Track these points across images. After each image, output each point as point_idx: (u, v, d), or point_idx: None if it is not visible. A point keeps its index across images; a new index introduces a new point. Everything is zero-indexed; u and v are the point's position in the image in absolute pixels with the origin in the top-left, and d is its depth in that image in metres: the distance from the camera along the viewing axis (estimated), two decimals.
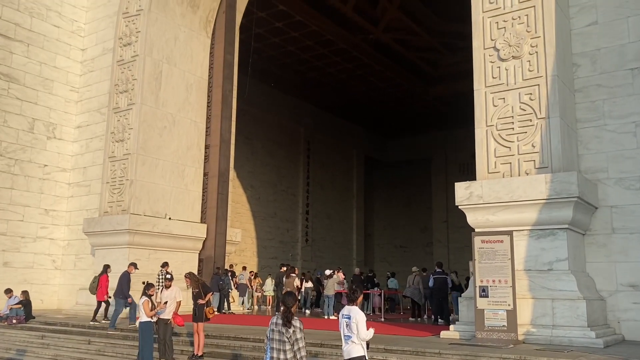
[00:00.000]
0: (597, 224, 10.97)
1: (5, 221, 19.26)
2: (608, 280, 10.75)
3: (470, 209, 10.84)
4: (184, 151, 19.22)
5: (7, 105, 19.70)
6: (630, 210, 10.72)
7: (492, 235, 10.17)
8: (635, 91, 10.95)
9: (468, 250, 28.10)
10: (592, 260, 10.93)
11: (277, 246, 34.10)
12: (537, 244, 10.20)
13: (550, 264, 10.02)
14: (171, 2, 19.04)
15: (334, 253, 37.56)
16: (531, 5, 11.07)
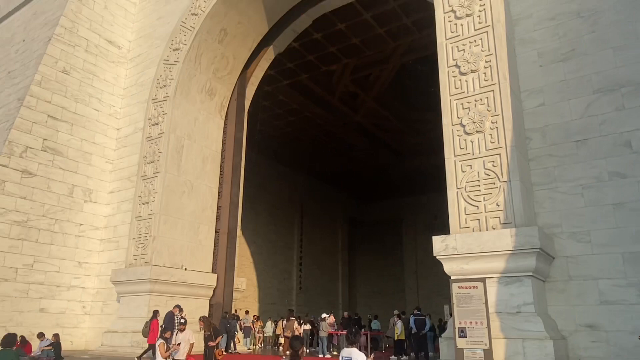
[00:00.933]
0: (555, 272, 10.42)
1: (44, 272, 18.37)
2: (568, 321, 10.09)
3: (447, 259, 10.26)
4: (199, 212, 18.64)
5: (51, 174, 19.21)
6: (582, 260, 10.22)
7: (467, 282, 9.56)
8: (580, 159, 10.72)
9: (434, 296, 26.82)
10: (553, 304, 10.30)
11: (275, 293, 33.22)
12: (506, 290, 9.57)
13: (519, 307, 9.38)
14: (192, 91, 18.99)
15: (323, 299, 36.57)
16: (490, 90, 10.97)
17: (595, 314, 9.87)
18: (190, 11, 19.16)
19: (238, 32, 19.39)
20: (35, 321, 17.52)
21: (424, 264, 37.50)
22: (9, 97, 20.47)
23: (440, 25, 12.23)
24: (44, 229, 18.66)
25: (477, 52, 11.50)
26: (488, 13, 11.73)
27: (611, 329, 9.67)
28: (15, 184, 18.15)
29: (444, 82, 11.63)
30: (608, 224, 10.14)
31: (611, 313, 9.74)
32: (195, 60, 18.84)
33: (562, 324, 10.03)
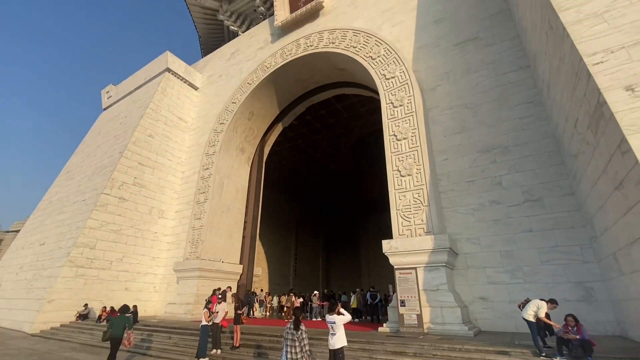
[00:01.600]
0: (459, 263, 10.10)
1: (129, 264, 17.27)
2: (468, 295, 9.69)
3: (391, 255, 9.86)
4: (232, 224, 17.95)
5: (138, 199, 18.40)
6: (475, 256, 9.95)
7: (405, 270, 9.15)
8: (471, 193, 10.62)
9: (382, 279, 25.64)
10: (458, 284, 9.91)
11: (278, 277, 31.90)
12: (429, 275, 9.20)
13: (437, 286, 8.99)
14: (231, 149, 18.69)
15: (309, 281, 35.26)
16: (415, 150, 10.94)
17: (485, 290, 9.52)
18: (231, 100, 19.16)
19: (260, 114, 19.40)
20: (121, 296, 16.33)
21: (374, 258, 36.93)
22: (114, 151, 19.88)
23: (384, 111, 12.32)
24: (131, 235, 17.70)
25: (406, 127, 11.56)
26: (412, 104, 11.89)
27: (495, 300, 9.32)
28: (114, 206, 17.33)
29: (387, 145, 11.58)
30: (490, 233, 9.97)
31: (494, 289, 9.42)
32: (234, 130, 18.67)
33: (464, 297, 9.65)
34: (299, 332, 4.40)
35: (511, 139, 10.60)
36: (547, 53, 8.57)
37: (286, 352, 4.37)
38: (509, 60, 11.55)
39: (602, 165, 6.35)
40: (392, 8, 15.33)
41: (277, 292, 23.85)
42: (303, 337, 4.39)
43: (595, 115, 6.13)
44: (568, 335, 5.30)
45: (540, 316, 5.77)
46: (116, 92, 26.46)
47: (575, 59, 6.49)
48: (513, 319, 8.92)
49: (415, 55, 13.59)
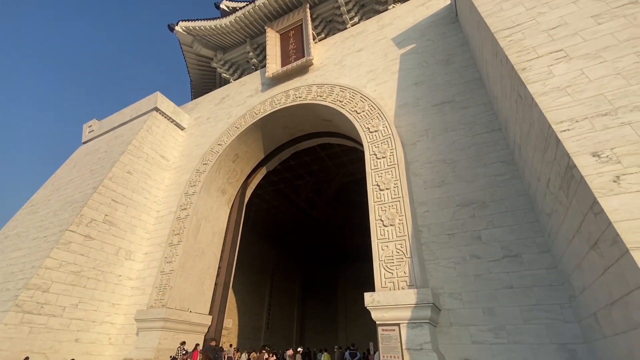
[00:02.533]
0: (442, 320, 9.72)
1: (85, 310, 15.52)
2: (451, 356, 9.18)
3: (373, 309, 9.42)
4: (205, 270, 16.89)
5: (106, 238, 17.20)
6: (458, 312, 9.64)
7: (388, 326, 8.73)
8: (452, 246, 10.64)
9: (360, 334, 24.21)
10: (441, 342, 9.43)
11: (249, 330, 29.58)
12: (412, 332, 8.77)
13: (421, 345, 8.53)
14: (212, 190, 18.33)
15: (282, 335, 32.86)
16: (397, 200, 11.13)
17: (469, 350, 9.08)
18: (217, 142, 19.25)
19: (245, 156, 19.48)
20: (69, 349, 14.41)
21: (351, 311, 35.26)
22: (88, 186, 18.98)
23: (368, 162, 12.68)
24: (92, 278, 16.19)
25: (389, 178, 11.86)
26: (394, 157, 12.36)
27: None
28: (77, 244, 16.06)
29: (370, 194, 11.73)
30: (471, 288, 9.82)
31: (479, 350, 9.01)
32: (216, 171, 18.49)
33: (448, 357, 9.13)
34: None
35: (488, 195, 11.00)
36: (517, 119, 9.33)
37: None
38: (483, 122, 12.47)
39: (576, 224, 6.60)
40: (376, 69, 16.61)
41: (248, 348, 21.94)
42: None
43: (566, 176, 6.52)
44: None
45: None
46: (99, 127, 26.08)
47: (544, 126, 7.06)
48: None
49: (397, 112, 14.45)
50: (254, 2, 21.89)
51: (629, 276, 5.04)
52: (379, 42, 17.76)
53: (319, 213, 32.80)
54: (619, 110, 6.33)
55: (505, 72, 9.29)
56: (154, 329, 14.04)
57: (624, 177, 5.45)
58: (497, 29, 9.67)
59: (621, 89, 6.59)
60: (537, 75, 7.59)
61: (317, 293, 39.34)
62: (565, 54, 7.77)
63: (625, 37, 7.47)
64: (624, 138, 5.90)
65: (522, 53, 8.46)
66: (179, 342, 13.02)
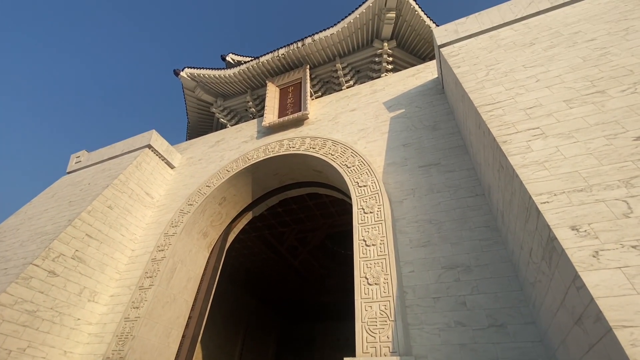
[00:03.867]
0: None
1: (32, 357, 13.75)
2: None
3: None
4: (174, 319, 15.62)
5: (71, 276, 16.00)
6: None
7: None
8: (436, 310, 10.27)
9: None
10: None
11: None
12: None
13: None
14: (193, 232, 17.77)
15: None
16: (383, 257, 11.00)
17: None
18: (206, 184, 19.16)
19: (232, 200, 19.30)
20: None
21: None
22: (63, 218, 18.17)
23: (355, 216, 12.72)
24: (47, 319, 14.70)
25: (375, 234, 11.85)
26: (382, 213, 12.49)
27: None
28: (39, 280, 14.84)
29: (357, 250, 11.57)
30: (456, 358, 9.34)
31: None
32: (201, 213, 18.12)
33: None
34: None
35: (473, 259, 10.99)
36: (499, 186, 9.76)
37: None
38: (467, 186, 12.94)
39: (560, 297, 6.57)
40: (367, 128, 17.50)
41: None
42: None
43: (547, 247, 6.66)
44: None
45: None
46: (87, 159, 25.81)
47: (526, 196, 7.39)
48: None
49: (385, 170, 14.92)
50: (258, 58, 23.53)
51: (613, 355, 4.92)
52: (371, 104, 18.97)
53: (301, 263, 31.79)
54: (593, 187, 6.73)
55: (488, 142, 9.93)
56: None
57: (602, 253, 5.59)
58: (480, 104, 10.54)
59: (594, 167, 7.08)
60: (517, 148, 8.13)
61: (294, 352, 36.45)
62: (542, 132, 8.44)
63: (595, 121, 8.23)
64: (599, 214, 6.19)
65: (502, 127, 9.15)
66: None
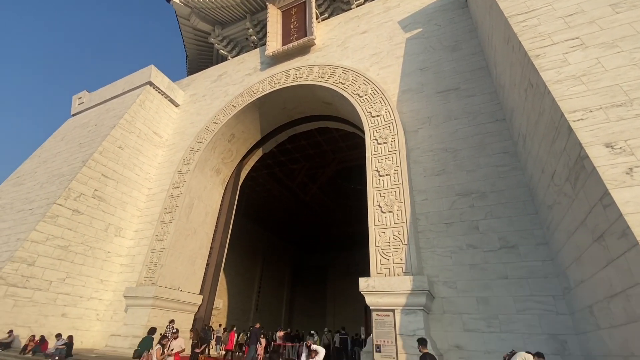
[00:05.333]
0: (435, 307, 9.75)
1: (72, 285, 15.30)
2: (443, 342, 9.26)
3: (368, 294, 9.37)
4: (197, 249, 16.70)
5: (95, 214, 16.82)
6: (452, 300, 9.67)
7: (382, 312, 8.72)
8: (449, 235, 10.59)
9: (348, 319, 24.45)
10: (433, 329, 9.47)
11: (239, 312, 29.76)
12: (406, 318, 8.76)
13: (414, 331, 8.54)
14: (206, 169, 17.93)
15: (271, 317, 33.14)
16: (397, 187, 10.97)
17: (460, 338, 9.18)
18: (213, 120, 18.73)
19: (241, 137, 19.03)
20: (55, 324, 14.23)
21: (340, 297, 35.71)
22: (76, 160, 18.40)
23: (369, 147, 12.43)
24: (80, 253, 15.90)
25: (389, 164, 11.67)
26: (396, 143, 12.14)
27: (470, 349, 8.97)
28: (65, 218, 15.66)
29: (370, 180, 11.55)
30: (467, 277, 9.84)
31: (470, 338, 9.10)
32: (211, 150, 18.06)
33: (439, 344, 9.22)
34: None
35: (488, 185, 10.91)
36: (525, 108, 9.14)
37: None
38: (487, 111, 12.26)
39: (581, 217, 6.52)
40: (380, 53, 16.16)
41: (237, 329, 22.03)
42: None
43: (575, 167, 6.39)
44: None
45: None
46: (89, 100, 25.17)
47: (556, 115, 6.88)
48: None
49: (400, 98, 14.13)
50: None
51: (635, 269, 4.98)
52: (384, 24, 17.23)
53: (312, 199, 32.62)
54: (635, 101, 6.16)
55: (517, 59, 9.02)
56: (143, 307, 13.89)
57: (637, 170, 5.32)
58: (511, 14, 9.34)
59: (638, 80, 6.41)
60: (551, 63, 7.35)
61: (307, 279, 39.68)
62: (582, 42, 7.53)
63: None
64: (638, 130, 5.76)
65: (536, 39, 8.19)
66: (168, 320, 12.89)
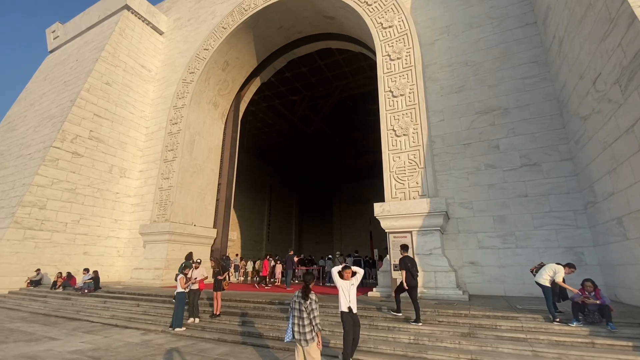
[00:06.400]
0: (450, 228, 9.75)
1: (88, 226, 15.58)
2: (457, 260, 9.46)
3: (383, 219, 9.23)
4: (205, 186, 16.54)
5: (95, 156, 16.33)
6: (467, 221, 9.62)
7: (400, 233, 8.65)
8: (466, 156, 10.10)
9: (352, 246, 25.42)
10: (448, 248, 9.59)
11: (251, 243, 31.26)
12: (422, 239, 8.74)
13: (430, 250, 8.58)
14: (202, 102, 16.78)
15: (281, 246, 34.99)
16: (413, 107, 10.10)
17: (475, 255, 9.32)
18: (202, 47, 16.91)
19: (236, 64, 17.39)
20: (79, 261, 14.83)
21: (346, 225, 37.21)
22: (64, 100, 17.23)
23: (380, 64, 11.19)
24: (89, 195, 15.84)
25: (404, 83, 10.61)
26: (411, 58, 10.87)
27: (485, 265, 9.17)
28: (66, 161, 15.22)
29: (382, 102, 10.62)
30: (483, 197, 9.63)
31: (485, 254, 9.24)
32: (206, 80, 16.66)
33: (453, 262, 9.38)
34: (308, 301, 3.60)
35: (512, 101, 10.03)
36: (567, 3, 7.78)
37: (293, 325, 3.59)
38: (515, 14, 10.71)
39: (628, 123, 5.85)
40: None
41: (250, 258, 23.24)
42: (313, 307, 3.60)
43: (631, 66, 5.51)
44: (588, 300, 4.99)
45: (557, 281, 5.44)
46: (64, 32, 22.71)
47: (614, 4, 5.73)
48: (502, 283, 8.86)
49: (414, 5, 12.32)
50: None
51: None
52: None
53: (315, 132, 31.64)
54: None
55: None
56: (160, 242, 14.25)
57: None
58: None
59: None
60: None
61: (314, 209, 40.90)
62: None
63: None
64: None
65: None
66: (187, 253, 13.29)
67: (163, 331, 6.85)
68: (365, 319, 6.18)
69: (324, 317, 6.42)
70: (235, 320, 7.01)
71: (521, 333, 5.02)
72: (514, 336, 4.97)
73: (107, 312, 8.91)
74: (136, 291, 10.64)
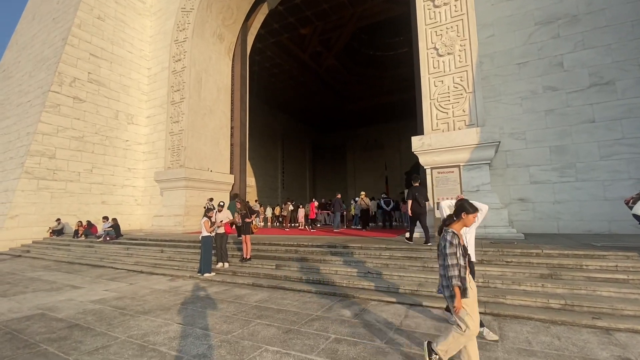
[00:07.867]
0: (496, 162, 8.65)
1: (102, 175, 15.06)
2: (505, 196, 8.52)
3: (422, 154, 8.10)
4: (217, 129, 15.44)
5: (98, 100, 15.20)
6: (517, 153, 8.48)
7: (444, 169, 7.60)
8: (521, 78, 8.61)
9: (366, 190, 24.62)
10: (494, 184, 8.59)
11: (267, 190, 31.02)
12: (468, 174, 7.66)
13: (478, 187, 7.54)
14: (206, 34, 14.90)
15: (296, 193, 34.82)
16: (460, 18, 8.30)
17: (525, 191, 8.32)
18: None
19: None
20: (98, 210, 14.56)
21: (357, 173, 36.49)
22: (55, 38, 15.57)
23: None
24: (98, 143, 15.04)
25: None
26: None
27: (536, 201, 8.19)
28: (68, 107, 14.16)
29: (421, 15, 8.78)
30: (539, 126, 8.31)
31: (537, 190, 8.21)
32: (207, 8, 14.57)
33: (501, 198, 8.46)
34: (442, 242, 2.62)
35: (583, 5, 8.14)
36: None
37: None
38: None
39: None
40: None
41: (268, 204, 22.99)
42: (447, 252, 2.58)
43: None
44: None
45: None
46: None
47: None
48: (556, 220, 7.96)
49: None
50: None
51: None
52: None
53: (326, 71, 29.16)
54: None
55: None
56: (177, 188, 13.67)
57: None
58: None
59: None
60: None
61: (327, 156, 39.91)
62: None
63: None
64: None
65: None
66: (207, 199, 12.75)
67: (191, 277, 6.34)
68: (416, 260, 5.43)
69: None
70: (267, 263, 6.41)
71: (618, 274, 4.16)
72: (610, 277, 4.11)
73: (130, 259, 8.53)
74: (159, 237, 10.23)
